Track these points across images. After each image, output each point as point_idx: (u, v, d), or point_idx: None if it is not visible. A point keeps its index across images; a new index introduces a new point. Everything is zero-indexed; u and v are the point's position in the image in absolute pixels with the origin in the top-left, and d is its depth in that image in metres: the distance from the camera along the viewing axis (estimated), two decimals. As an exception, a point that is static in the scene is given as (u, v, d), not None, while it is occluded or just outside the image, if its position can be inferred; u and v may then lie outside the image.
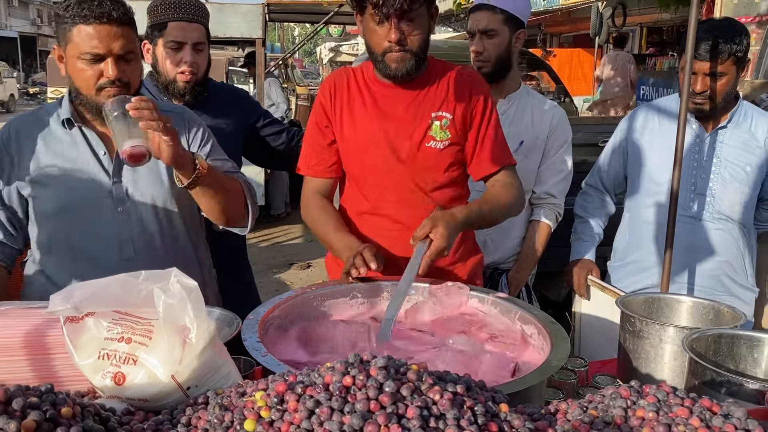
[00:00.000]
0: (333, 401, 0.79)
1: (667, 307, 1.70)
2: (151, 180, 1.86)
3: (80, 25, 1.64)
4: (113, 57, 1.66)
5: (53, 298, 1.05)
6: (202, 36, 2.37)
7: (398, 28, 1.75)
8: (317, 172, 2.01)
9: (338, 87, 1.97)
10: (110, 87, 1.69)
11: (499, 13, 2.35)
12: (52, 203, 1.80)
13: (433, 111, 1.90)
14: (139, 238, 1.84)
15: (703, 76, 2.17)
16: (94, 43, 1.65)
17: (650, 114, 2.44)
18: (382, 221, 1.96)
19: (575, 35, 18.22)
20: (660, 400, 0.89)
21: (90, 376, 1.07)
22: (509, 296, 1.67)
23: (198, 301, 1.03)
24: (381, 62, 1.83)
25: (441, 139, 1.90)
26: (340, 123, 1.95)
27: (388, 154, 1.90)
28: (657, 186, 2.35)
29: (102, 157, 1.82)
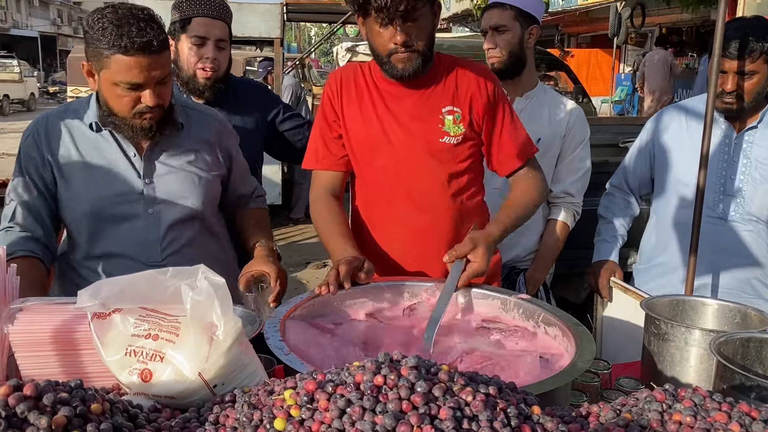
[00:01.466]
0: (365, 401, 0.78)
1: (692, 310, 1.67)
2: (183, 183, 1.87)
3: (118, 56, 1.62)
4: (153, 85, 1.67)
5: (81, 294, 1.06)
6: (224, 34, 2.39)
7: (403, 29, 1.74)
8: (326, 165, 1.98)
9: (345, 82, 1.95)
10: (148, 112, 1.71)
11: (509, 9, 2.38)
12: (84, 203, 1.81)
13: (443, 106, 1.88)
14: (168, 239, 1.85)
15: (733, 75, 2.14)
16: (134, 73, 1.63)
17: (677, 114, 2.41)
18: (395, 227, 1.93)
19: (593, 35, 18.09)
20: (697, 405, 0.87)
21: (117, 372, 1.07)
22: (532, 298, 1.65)
23: (225, 298, 1.03)
24: (387, 63, 1.82)
25: (455, 133, 1.88)
26: (348, 119, 1.93)
27: (400, 153, 1.88)
28: (684, 187, 2.31)
29: (133, 158, 1.83)
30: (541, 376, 1.31)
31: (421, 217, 1.90)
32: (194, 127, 1.93)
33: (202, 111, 2.01)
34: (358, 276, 1.66)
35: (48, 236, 1.84)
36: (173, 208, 1.85)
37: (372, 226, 1.97)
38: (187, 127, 1.91)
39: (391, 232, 1.94)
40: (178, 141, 1.88)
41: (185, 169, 1.88)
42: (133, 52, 1.61)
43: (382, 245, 1.95)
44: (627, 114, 13.66)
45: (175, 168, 1.87)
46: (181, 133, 1.89)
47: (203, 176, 1.91)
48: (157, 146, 1.85)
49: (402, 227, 1.92)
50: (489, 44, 2.42)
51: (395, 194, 1.91)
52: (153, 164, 1.85)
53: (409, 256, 1.93)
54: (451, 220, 1.92)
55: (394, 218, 1.93)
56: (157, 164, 1.85)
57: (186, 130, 1.90)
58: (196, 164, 1.90)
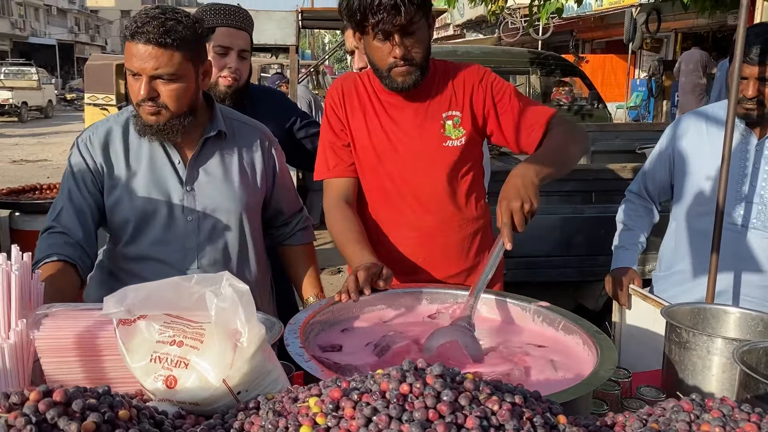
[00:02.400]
0: (391, 409, 0.79)
1: (714, 318, 1.66)
2: (224, 192, 1.89)
3: (128, 41, 1.69)
4: (146, 77, 1.69)
5: (107, 300, 1.07)
6: (247, 44, 2.42)
7: (401, 43, 1.77)
8: (337, 172, 2.00)
9: (347, 92, 1.98)
10: (143, 104, 1.73)
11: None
12: (126, 207, 1.83)
13: (442, 111, 1.92)
14: (205, 248, 1.87)
15: (754, 81, 2.12)
16: (131, 60, 1.69)
17: (697, 121, 2.39)
18: (402, 230, 1.96)
19: (608, 41, 18.05)
20: (725, 415, 0.86)
21: (142, 378, 1.08)
22: (552, 305, 1.65)
23: (249, 305, 1.04)
24: (387, 77, 1.84)
25: (457, 136, 1.91)
26: (353, 128, 1.97)
27: (405, 160, 1.92)
28: (704, 194, 2.30)
29: (177, 165, 1.86)
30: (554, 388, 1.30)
31: (428, 219, 1.94)
32: (239, 139, 1.96)
33: (249, 124, 2.03)
34: (377, 283, 1.66)
35: (88, 240, 1.84)
36: (213, 218, 1.88)
37: (380, 231, 2.00)
38: (231, 138, 1.93)
39: (399, 236, 1.97)
40: (222, 151, 1.91)
41: (227, 179, 1.90)
42: (132, 38, 1.67)
43: (391, 249, 1.97)
44: (642, 120, 13.60)
45: (217, 177, 1.89)
46: (226, 143, 1.92)
47: (245, 188, 1.93)
48: (201, 155, 1.88)
49: (409, 231, 1.96)
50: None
51: (402, 199, 1.95)
52: (196, 172, 1.87)
53: (417, 258, 1.96)
54: (457, 222, 1.97)
55: (401, 223, 1.96)
56: (201, 172, 1.88)
57: (231, 141, 1.93)
58: (239, 175, 1.92)
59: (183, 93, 1.75)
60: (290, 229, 2.15)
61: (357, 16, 1.75)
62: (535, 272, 3.69)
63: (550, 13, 6.78)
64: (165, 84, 1.71)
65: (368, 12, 1.71)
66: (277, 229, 2.15)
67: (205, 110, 1.90)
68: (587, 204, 3.57)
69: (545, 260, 3.66)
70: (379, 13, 1.70)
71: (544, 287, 3.93)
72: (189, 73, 1.74)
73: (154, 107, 1.72)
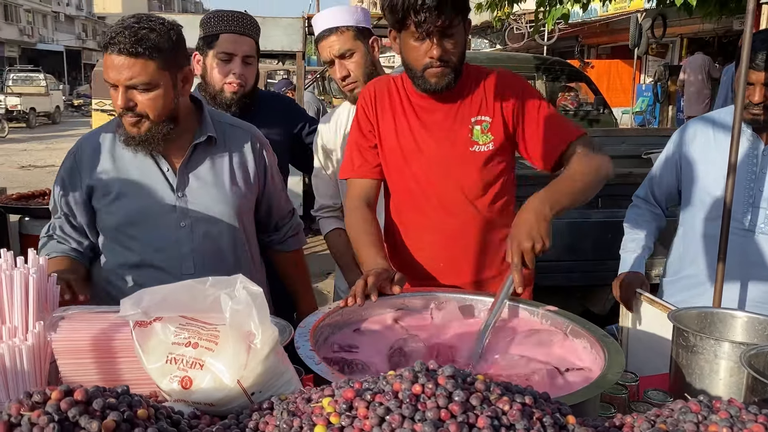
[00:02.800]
0: (403, 409, 0.80)
1: (721, 322, 1.67)
2: (216, 197, 1.90)
3: (104, 53, 1.71)
4: (122, 87, 1.70)
5: (124, 302, 1.09)
6: (252, 50, 2.42)
7: (440, 44, 1.77)
8: (362, 173, 2.01)
9: (379, 94, 2.00)
10: (125, 115, 1.74)
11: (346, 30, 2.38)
12: (119, 215, 1.86)
13: (472, 116, 1.92)
14: (200, 252, 1.88)
15: (761, 87, 2.13)
16: (108, 71, 1.70)
17: (704, 126, 2.40)
18: (425, 232, 1.96)
19: (613, 46, 18.04)
20: (733, 416, 0.88)
21: (158, 379, 1.10)
22: (560, 309, 1.66)
23: (263, 308, 1.06)
24: (420, 78, 1.85)
25: (484, 142, 1.91)
26: (382, 130, 1.98)
27: (431, 163, 1.92)
28: (712, 199, 2.30)
29: (166, 172, 1.87)
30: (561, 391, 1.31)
31: (451, 223, 1.93)
32: (230, 142, 1.96)
33: (240, 126, 2.03)
34: (387, 288, 1.66)
35: (85, 245, 1.93)
36: (206, 222, 1.89)
37: (403, 233, 2.01)
38: (222, 142, 1.94)
39: (422, 239, 1.97)
40: (213, 156, 1.92)
41: (219, 183, 1.91)
42: (106, 49, 1.68)
43: (413, 251, 1.98)
44: (648, 125, 13.58)
45: (209, 182, 1.90)
46: (217, 147, 1.93)
47: (237, 191, 1.94)
48: (190, 160, 1.89)
49: (432, 234, 1.95)
50: (342, 72, 2.39)
51: (427, 202, 1.95)
52: (186, 178, 1.88)
53: (439, 261, 1.96)
54: (480, 227, 1.95)
55: (424, 225, 1.96)
56: (191, 178, 1.88)
57: (221, 145, 1.94)
58: (230, 179, 1.93)
59: (160, 101, 1.74)
60: (282, 236, 2.15)
61: (399, 14, 1.74)
62: (543, 277, 3.68)
63: (556, 19, 6.80)
64: (141, 93, 1.71)
65: (411, 10, 1.72)
66: (268, 235, 2.15)
67: (193, 115, 1.90)
68: (594, 209, 3.57)
69: (552, 265, 3.66)
70: (422, 13, 1.71)
71: (551, 292, 3.93)
72: (165, 81, 1.73)
73: (133, 117, 1.74)
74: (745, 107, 2.17)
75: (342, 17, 2.37)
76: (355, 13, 2.40)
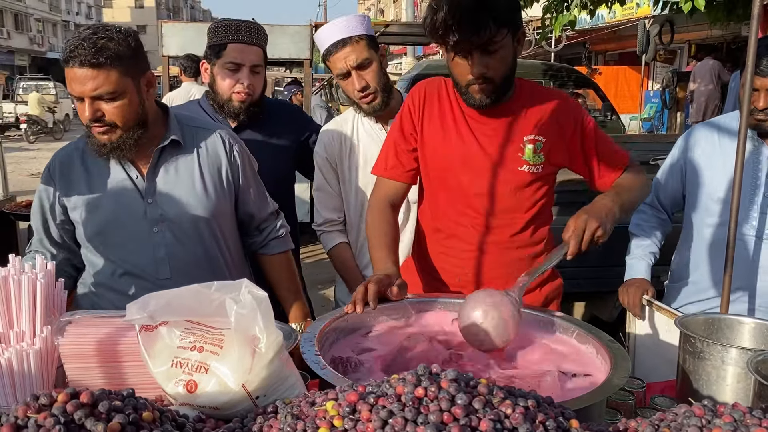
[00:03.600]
0: (406, 412, 0.81)
1: (728, 329, 1.66)
2: (186, 200, 1.90)
3: (65, 68, 1.70)
4: (88, 99, 1.70)
5: (130, 307, 1.10)
6: (259, 59, 2.43)
7: (480, 61, 1.71)
8: (394, 174, 1.99)
9: (429, 96, 1.95)
10: (92, 125, 1.75)
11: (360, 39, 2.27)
12: (93, 226, 1.87)
13: (525, 135, 1.87)
14: (175, 258, 1.88)
15: (766, 93, 2.13)
16: (72, 85, 1.71)
17: (709, 132, 2.40)
18: (458, 242, 1.94)
19: (621, 53, 18.01)
20: (736, 420, 0.87)
21: (163, 383, 1.11)
22: (566, 315, 1.66)
23: (268, 312, 1.06)
24: (465, 93, 1.81)
25: (534, 162, 1.87)
26: (426, 133, 1.94)
27: (476, 174, 1.89)
28: (716, 205, 2.30)
29: (135, 179, 1.87)
30: (567, 395, 1.31)
31: (486, 237, 1.91)
32: (199, 144, 1.95)
33: (209, 128, 2.02)
34: (391, 291, 1.66)
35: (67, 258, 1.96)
36: (179, 226, 1.89)
37: (435, 238, 1.99)
38: (191, 145, 1.94)
39: (454, 247, 1.95)
40: (181, 159, 1.92)
41: (188, 186, 1.90)
42: (66, 63, 1.68)
43: (442, 258, 1.97)
44: (656, 131, 13.53)
45: (178, 186, 1.89)
46: (185, 150, 1.92)
47: (209, 193, 1.92)
48: (158, 165, 1.89)
49: (465, 244, 1.93)
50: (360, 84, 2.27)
51: (464, 212, 1.92)
52: (155, 183, 1.88)
53: (466, 271, 1.94)
54: (513, 245, 1.94)
55: (457, 235, 1.94)
56: (159, 183, 1.88)
57: (190, 148, 1.93)
58: (201, 181, 1.92)
59: (127, 108, 1.75)
60: (263, 238, 2.12)
61: (439, 32, 1.69)
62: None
63: (563, 26, 6.80)
64: (107, 103, 1.72)
65: (449, 30, 1.66)
66: (251, 237, 2.13)
67: (160, 120, 1.91)
68: (601, 215, 3.56)
69: (560, 272, 3.65)
70: (459, 33, 1.66)
71: (558, 298, 3.92)
72: (129, 88, 1.74)
73: (103, 127, 1.75)
74: (750, 113, 2.17)
75: (354, 27, 2.27)
76: (364, 22, 2.32)
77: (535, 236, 1.96)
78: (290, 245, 2.18)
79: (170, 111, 1.95)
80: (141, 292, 1.77)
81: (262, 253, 2.13)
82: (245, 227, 2.11)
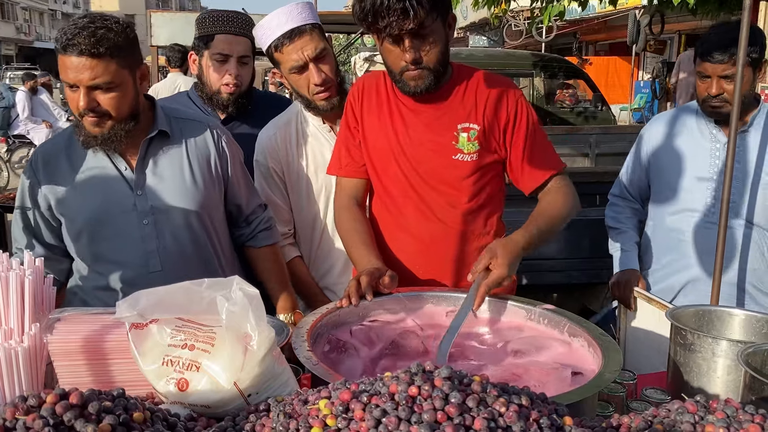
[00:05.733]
0: (400, 411, 0.80)
1: (719, 321, 1.67)
2: (175, 192, 1.89)
3: (60, 55, 1.69)
4: (84, 88, 1.69)
5: (120, 304, 1.09)
6: (247, 49, 2.41)
7: (413, 47, 1.71)
8: (348, 172, 1.99)
9: (367, 90, 1.95)
10: (86, 115, 1.73)
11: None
12: (80, 219, 1.85)
13: (459, 122, 1.85)
14: (165, 250, 1.87)
15: (717, 79, 2.18)
16: (66, 73, 1.68)
17: (668, 122, 2.45)
18: (404, 236, 1.93)
19: (611, 43, 18.03)
20: (729, 416, 0.88)
21: (154, 381, 1.10)
22: (557, 308, 1.65)
23: (259, 309, 1.05)
24: (400, 81, 1.80)
25: (469, 151, 1.85)
26: (366, 127, 1.94)
27: (410, 167, 1.88)
28: (676, 193, 2.36)
29: (124, 171, 1.86)
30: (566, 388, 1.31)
31: (430, 228, 1.90)
32: (187, 136, 1.95)
33: (197, 120, 2.02)
34: (383, 282, 1.66)
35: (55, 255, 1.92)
36: (168, 218, 1.87)
37: (383, 232, 1.98)
38: (178, 137, 1.93)
39: (401, 240, 1.95)
40: (169, 151, 1.90)
41: (177, 178, 1.89)
42: (64, 51, 1.66)
43: (393, 251, 1.96)
44: (646, 121, 13.54)
45: (166, 178, 1.88)
46: (173, 142, 1.91)
47: (197, 185, 1.91)
48: (146, 158, 1.88)
49: (410, 236, 1.93)
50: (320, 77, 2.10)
51: (406, 203, 1.92)
52: (144, 175, 1.86)
53: (417, 264, 1.93)
54: (459, 234, 1.91)
55: (403, 227, 1.94)
56: (148, 175, 1.87)
57: (178, 140, 1.92)
58: (190, 173, 1.91)
59: (123, 99, 1.74)
60: (251, 230, 2.11)
61: (368, 19, 1.68)
62: (540, 275, 3.70)
63: (553, 16, 6.78)
64: (103, 93, 1.71)
65: (377, 15, 1.65)
66: (239, 229, 2.11)
67: (148, 112, 1.90)
68: (591, 206, 3.57)
69: (550, 263, 3.67)
70: (388, 17, 1.64)
71: (549, 290, 3.93)
72: (126, 80, 1.74)
73: (96, 117, 1.73)
74: (704, 100, 2.22)
75: (307, 15, 2.11)
76: (313, 9, 2.16)
77: (483, 227, 1.94)
78: (278, 237, 2.17)
79: (156, 103, 1.94)
80: (130, 285, 1.76)
81: (250, 245, 2.12)
82: (233, 219, 2.10)
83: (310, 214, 2.28)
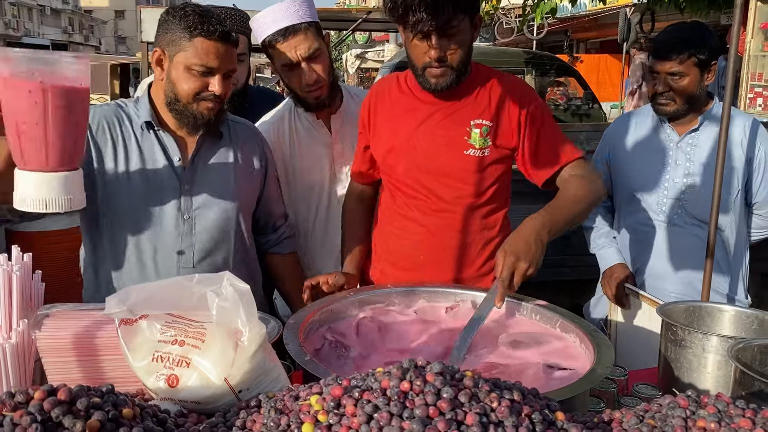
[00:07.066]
0: (392, 406, 0.80)
1: (709, 317, 1.68)
2: (220, 192, 1.89)
3: (201, 38, 1.71)
4: (221, 74, 1.75)
5: (109, 300, 1.08)
6: (243, 47, 2.39)
7: (439, 44, 1.73)
8: (357, 178, 2.12)
9: (380, 94, 2.00)
10: (210, 101, 1.77)
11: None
12: (122, 204, 1.80)
13: (472, 118, 1.87)
14: (199, 248, 1.86)
15: (664, 77, 2.20)
16: (210, 57, 1.72)
17: (627, 122, 2.49)
18: (410, 225, 1.97)
19: (602, 41, 18.09)
20: (720, 411, 0.88)
21: (144, 378, 1.09)
22: (549, 304, 1.66)
23: (250, 305, 1.04)
24: (421, 76, 1.82)
25: (481, 146, 1.87)
26: (377, 127, 1.98)
27: (423, 159, 1.90)
28: (636, 192, 2.39)
29: (176, 163, 1.84)
30: (551, 385, 1.31)
31: (437, 220, 1.93)
32: (236, 138, 1.96)
33: (243, 123, 2.04)
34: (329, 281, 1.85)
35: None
36: (207, 217, 1.86)
37: (391, 221, 2.02)
38: (228, 138, 1.94)
39: (407, 229, 1.98)
40: (220, 151, 1.91)
41: (224, 179, 1.90)
42: (215, 37, 1.71)
43: (398, 241, 1.99)
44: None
45: (214, 177, 1.89)
46: (224, 142, 1.92)
47: (241, 187, 1.93)
48: (199, 154, 1.87)
49: (418, 227, 1.96)
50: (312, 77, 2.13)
51: (416, 195, 1.94)
52: (194, 171, 1.86)
53: (420, 255, 1.96)
54: (466, 228, 1.94)
55: (410, 217, 1.97)
56: (198, 171, 1.87)
57: (228, 141, 1.93)
58: (235, 175, 1.92)
59: (230, 89, 1.84)
60: (278, 236, 2.13)
61: (398, 12, 1.71)
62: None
63: (545, 13, 6.80)
64: (228, 80, 1.79)
65: (408, 10, 1.68)
66: (265, 236, 2.12)
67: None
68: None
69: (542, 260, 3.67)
70: (419, 12, 1.67)
71: (541, 286, 3.94)
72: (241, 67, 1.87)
73: (217, 103, 1.78)
74: (653, 98, 2.25)
75: (303, 12, 2.09)
76: (311, 7, 2.14)
77: (488, 221, 1.96)
78: (297, 245, 2.22)
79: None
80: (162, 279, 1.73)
81: (275, 251, 2.14)
82: (261, 225, 2.10)
83: (303, 209, 2.32)
